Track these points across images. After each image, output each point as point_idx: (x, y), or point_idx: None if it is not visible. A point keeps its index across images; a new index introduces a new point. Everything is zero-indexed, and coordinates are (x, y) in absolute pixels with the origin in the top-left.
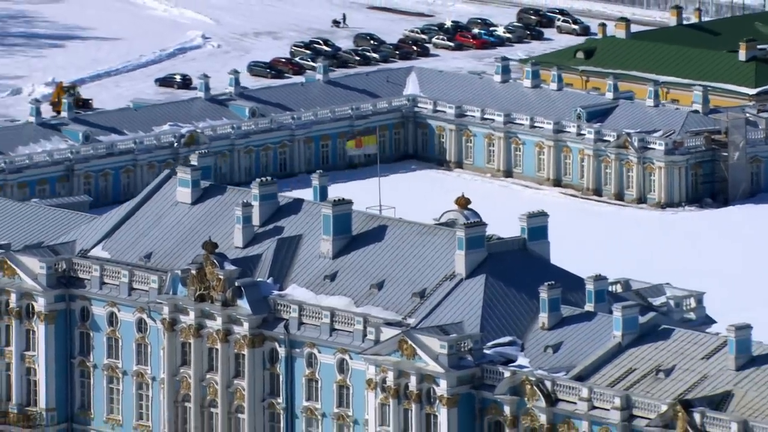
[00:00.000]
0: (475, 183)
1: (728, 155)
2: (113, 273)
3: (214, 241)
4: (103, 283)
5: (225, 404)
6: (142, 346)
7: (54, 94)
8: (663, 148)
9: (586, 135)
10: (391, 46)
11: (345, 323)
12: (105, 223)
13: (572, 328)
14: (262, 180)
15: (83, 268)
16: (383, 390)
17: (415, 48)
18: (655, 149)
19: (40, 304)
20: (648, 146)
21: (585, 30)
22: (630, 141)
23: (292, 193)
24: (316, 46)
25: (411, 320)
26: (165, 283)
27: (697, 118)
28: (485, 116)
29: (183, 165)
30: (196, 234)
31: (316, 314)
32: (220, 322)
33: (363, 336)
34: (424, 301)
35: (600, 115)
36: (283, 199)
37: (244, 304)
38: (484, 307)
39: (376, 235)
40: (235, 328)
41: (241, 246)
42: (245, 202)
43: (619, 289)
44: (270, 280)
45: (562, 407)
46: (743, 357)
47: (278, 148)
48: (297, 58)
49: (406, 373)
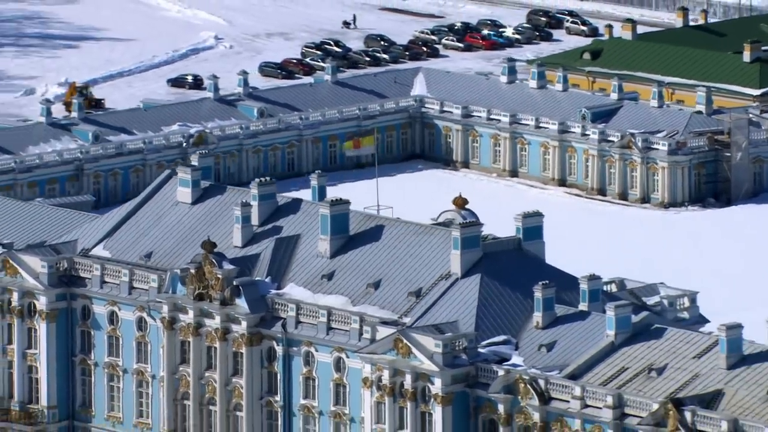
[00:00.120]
0: (481, 183)
1: (731, 155)
2: (114, 272)
3: (213, 240)
4: (103, 282)
5: (223, 402)
6: (142, 344)
7: (67, 94)
8: (666, 149)
9: (590, 135)
10: (401, 47)
11: (342, 322)
12: (106, 223)
13: (566, 327)
14: (261, 180)
15: (84, 267)
16: (379, 388)
17: (424, 49)
18: (658, 149)
19: (41, 303)
20: (651, 146)
21: (594, 31)
22: (634, 141)
23: (299, 193)
24: (327, 46)
25: (407, 319)
26: (165, 282)
27: (701, 118)
28: (491, 117)
29: (183, 165)
30: (196, 233)
31: (314, 313)
32: (218, 320)
33: (359, 335)
34: (420, 301)
35: (604, 115)
36: (282, 199)
37: (243, 303)
38: (479, 307)
39: (373, 234)
40: (233, 327)
41: (240, 245)
42: (244, 202)
43: (614, 288)
44: (268, 279)
45: (555, 405)
46: (734, 356)
47: (286, 148)
48: (308, 59)
49: (401, 372)
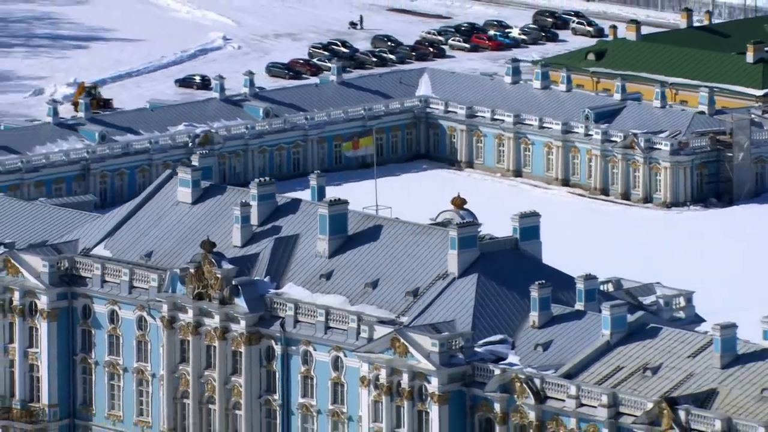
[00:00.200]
0: (485, 183)
1: (733, 156)
2: (114, 271)
3: (212, 240)
4: (104, 281)
5: (222, 401)
6: (142, 343)
7: (76, 94)
8: (669, 149)
9: (593, 135)
10: (407, 47)
11: (340, 321)
12: (107, 223)
13: (562, 326)
14: (260, 180)
15: (85, 266)
16: (376, 387)
17: (431, 49)
18: (661, 150)
19: (42, 302)
20: (654, 147)
21: (599, 32)
22: (636, 141)
23: (303, 193)
24: (334, 47)
25: (404, 318)
26: (164, 282)
27: (703, 119)
28: (495, 117)
29: (183, 165)
30: (196, 233)
31: (312, 312)
32: (217, 320)
33: (357, 334)
34: (417, 300)
35: (608, 116)
36: (282, 199)
37: (242, 303)
38: (476, 306)
39: (371, 234)
40: (232, 326)
41: (239, 245)
42: (244, 202)
43: (610, 288)
44: (267, 278)
45: (551, 404)
46: (728, 355)
47: (292, 148)
48: (315, 60)
49: (398, 371)
